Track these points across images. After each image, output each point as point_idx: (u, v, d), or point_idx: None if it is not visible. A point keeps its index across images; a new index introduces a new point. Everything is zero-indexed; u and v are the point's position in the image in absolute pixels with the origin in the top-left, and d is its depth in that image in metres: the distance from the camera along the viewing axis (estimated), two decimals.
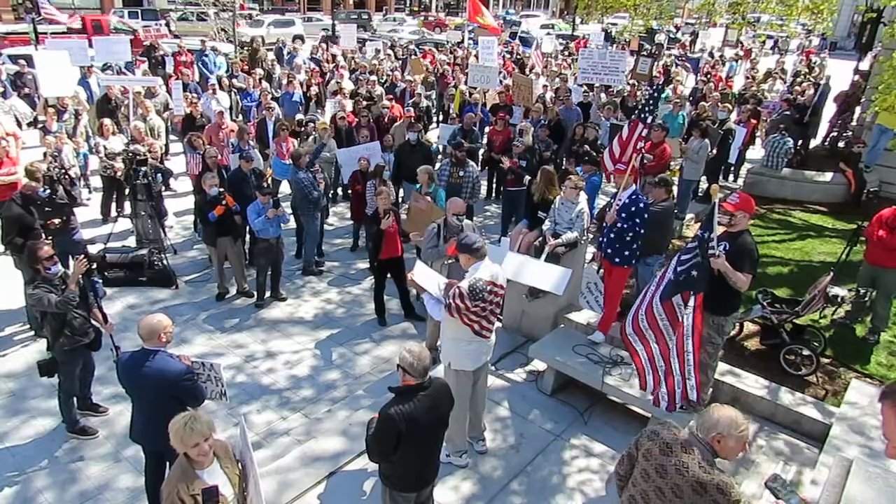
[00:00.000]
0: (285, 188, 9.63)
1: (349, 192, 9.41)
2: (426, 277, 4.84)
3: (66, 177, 6.94)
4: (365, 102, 11.91)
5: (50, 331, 5.01)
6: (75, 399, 5.37)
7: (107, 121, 9.53)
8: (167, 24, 29.45)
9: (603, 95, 13.39)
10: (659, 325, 4.86)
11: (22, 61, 14.82)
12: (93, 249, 7.88)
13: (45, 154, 8.78)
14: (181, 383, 4.00)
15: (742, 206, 4.97)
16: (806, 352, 6.01)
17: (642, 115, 6.24)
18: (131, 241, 8.63)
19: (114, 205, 9.64)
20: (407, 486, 3.79)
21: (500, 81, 13.29)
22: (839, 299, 6.25)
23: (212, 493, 3.21)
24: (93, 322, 5.21)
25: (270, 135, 10.36)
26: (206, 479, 3.19)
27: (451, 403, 3.85)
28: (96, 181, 10.04)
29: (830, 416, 5.27)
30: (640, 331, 4.98)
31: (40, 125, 10.88)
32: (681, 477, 2.96)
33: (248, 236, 8.05)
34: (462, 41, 25.62)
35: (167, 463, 4.39)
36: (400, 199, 9.70)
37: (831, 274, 6.21)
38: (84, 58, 13.03)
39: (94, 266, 5.27)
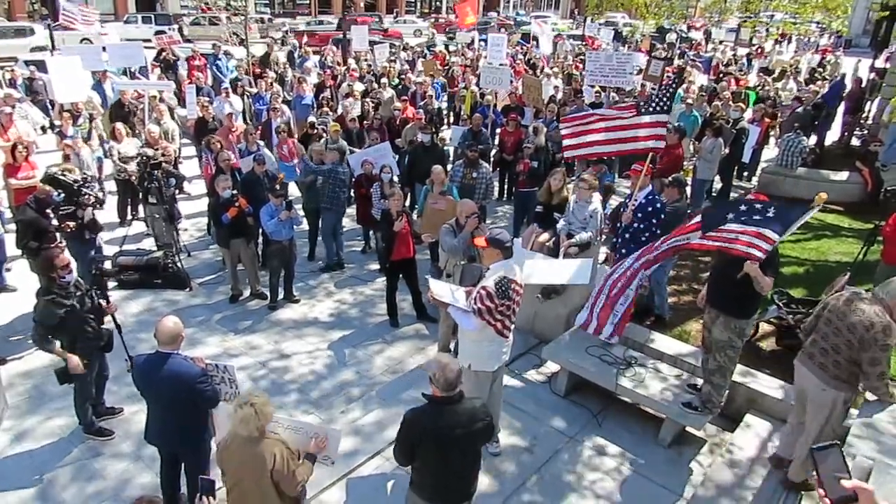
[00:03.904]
0: (294, 190, 9.64)
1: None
2: (444, 291, 4.78)
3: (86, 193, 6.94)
4: (372, 103, 11.97)
5: (65, 341, 5.00)
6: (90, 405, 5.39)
7: (119, 125, 9.61)
8: (180, 29, 29.69)
9: (614, 95, 13.34)
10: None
11: (32, 67, 14.95)
12: (108, 252, 7.97)
13: (64, 157, 8.90)
14: (197, 386, 4.01)
15: None
16: None
17: (642, 106, 6.20)
18: (146, 244, 8.71)
19: (128, 208, 9.73)
20: (423, 495, 3.72)
21: (511, 82, 13.31)
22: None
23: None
24: (103, 326, 5.22)
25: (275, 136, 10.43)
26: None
27: (483, 430, 3.62)
28: (110, 185, 10.13)
29: (849, 418, 5.20)
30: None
31: (56, 130, 11.00)
32: (856, 317, 3.95)
33: (260, 238, 8.09)
34: (472, 42, 25.64)
35: (182, 464, 4.43)
36: (414, 201, 9.68)
37: (848, 274, 6.13)
38: (98, 63, 13.15)
39: (107, 278, 5.32)
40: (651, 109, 6.15)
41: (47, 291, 4.91)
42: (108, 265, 7.41)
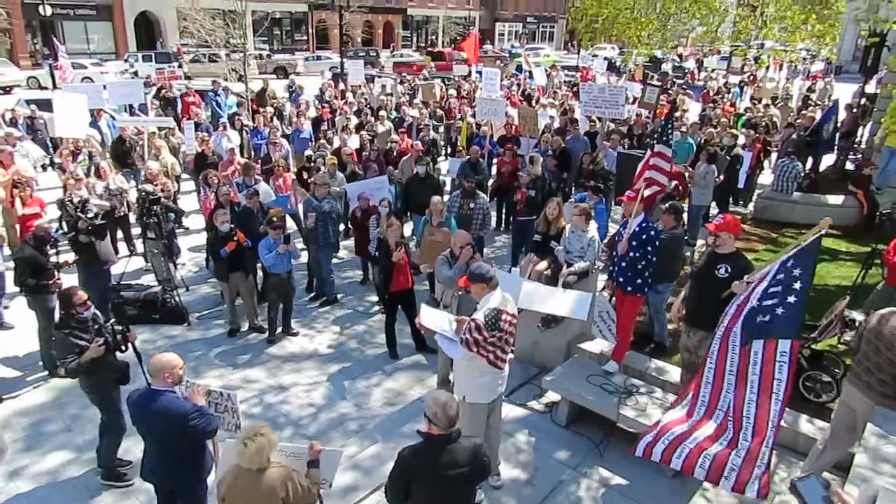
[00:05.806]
0: (290, 224, 9.68)
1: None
2: (435, 319, 4.79)
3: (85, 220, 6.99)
4: (368, 136, 12.10)
5: (84, 374, 4.94)
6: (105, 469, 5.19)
7: (103, 163, 9.70)
8: (180, 66, 30.11)
9: (611, 124, 13.50)
10: (724, 375, 4.44)
11: (33, 106, 15.15)
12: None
13: (64, 189, 8.95)
14: (189, 423, 3.97)
15: (725, 228, 5.17)
16: (826, 378, 5.90)
17: (653, 143, 6.33)
18: (145, 280, 8.70)
19: (124, 244, 9.72)
20: None
21: (506, 113, 13.52)
22: (857, 324, 6.16)
23: None
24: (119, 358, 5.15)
25: None
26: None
27: (479, 469, 3.59)
28: None
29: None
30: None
31: (57, 166, 11.09)
32: (892, 335, 4.14)
33: (259, 272, 8.08)
34: (468, 74, 26.02)
35: (178, 501, 4.36)
36: (410, 232, 9.73)
37: (847, 298, 6.13)
38: (99, 101, 13.32)
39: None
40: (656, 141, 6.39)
41: (65, 325, 4.94)
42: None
